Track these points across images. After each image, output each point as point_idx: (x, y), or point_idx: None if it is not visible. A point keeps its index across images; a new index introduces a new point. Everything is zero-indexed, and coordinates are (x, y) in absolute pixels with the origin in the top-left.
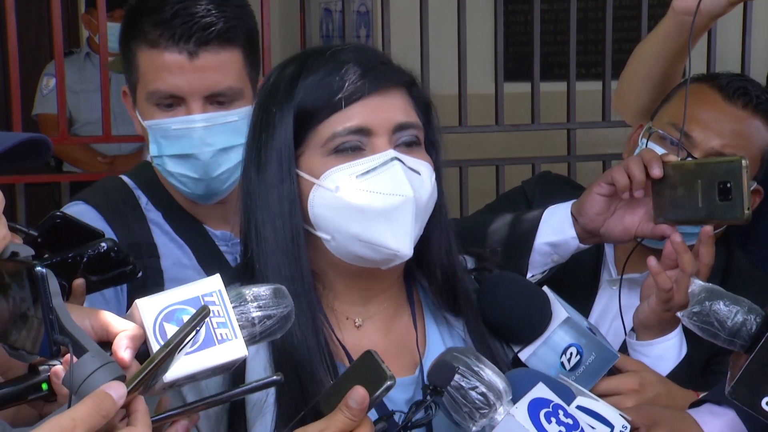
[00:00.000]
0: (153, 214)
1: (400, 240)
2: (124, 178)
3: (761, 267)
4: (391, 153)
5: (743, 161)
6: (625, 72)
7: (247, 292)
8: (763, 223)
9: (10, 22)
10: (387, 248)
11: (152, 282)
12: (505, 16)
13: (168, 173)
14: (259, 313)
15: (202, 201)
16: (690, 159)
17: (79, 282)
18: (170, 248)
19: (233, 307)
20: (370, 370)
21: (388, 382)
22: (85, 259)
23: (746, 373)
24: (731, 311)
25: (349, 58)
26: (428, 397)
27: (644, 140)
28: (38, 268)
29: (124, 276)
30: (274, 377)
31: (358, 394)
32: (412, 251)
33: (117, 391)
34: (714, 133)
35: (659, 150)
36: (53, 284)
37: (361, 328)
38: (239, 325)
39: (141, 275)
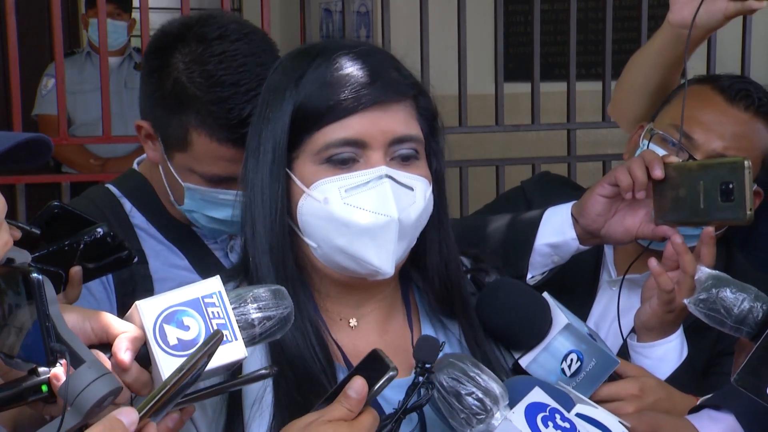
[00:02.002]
0: (138, 220)
1: (383, 259)
2: (110, 186)
3: (761, 268)
4: (383, 170)
5: (746, 162)
6: (622, 81)
7: (247, 293)
8: (763, 225)
9: (11, 23)
10: (370, 264)
11: (141, 288)
12: (505, 17)
13: (195, 220)
14: (258, 315)
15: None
16: (691, 160)
17: (75, 270)
18: (159, 250)
19: (233, 309)
20: (373, 365)
21: (390, 373)
22: (81, 245)
23: (753, 361)
24: (738, 298)
25: (356, 63)
26: (419, 378)
27: (645, 141)
28: (34, 275)
29: (121, 262)
30: (266, 370)
31: (357, 383)
32: (393, 270)
33: (128, 417)
34: (716, 135)
35: (660, 151)
36: (50, 291)
37: (356, 329)
38: (239, 327)
39: (131, 279)
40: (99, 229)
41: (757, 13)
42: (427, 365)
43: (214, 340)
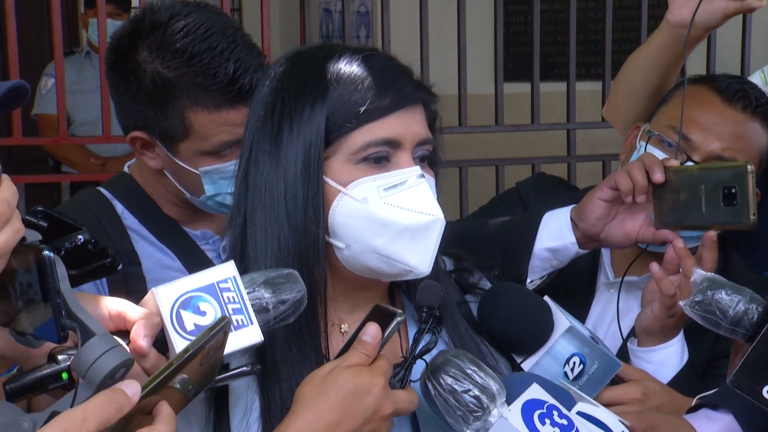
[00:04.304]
0: (130, 221)
1: (422, 258)
2: (102, 189)
3: (756, 268)
4: (418, 170)
5: (749, 166)
6: (618, 83)
7: (260, 278)
8: (758, 225)
9: (11, 22)
10: (405, 264)
11: (134, 288)
12: (505, 16)
13: (219, 205)
14: (273, 299)
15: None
16: (691, 163)
17: None
18: (151, 251)
19: (247, 293)
20: (379, 316)
21: (399, 318)
22: (62, 252)
23: (748, 362)
24: (733, 300)
25: (382, 68)
26: (423, 324)
27: (643, 143)
28: (46, 253)
29: (104, 269)
30: (248, 367)
31: (371, 329)
32: (431, 269)
33: (131, 387)
34: (714, 136)
35: (658, 153)
36: (60, 269)
37: (347, 334)
38: (254, 311)
39: (124, 280)
40: (80, 236)
41: (757, 12)
42: (433, 309)
43: (222, 323)
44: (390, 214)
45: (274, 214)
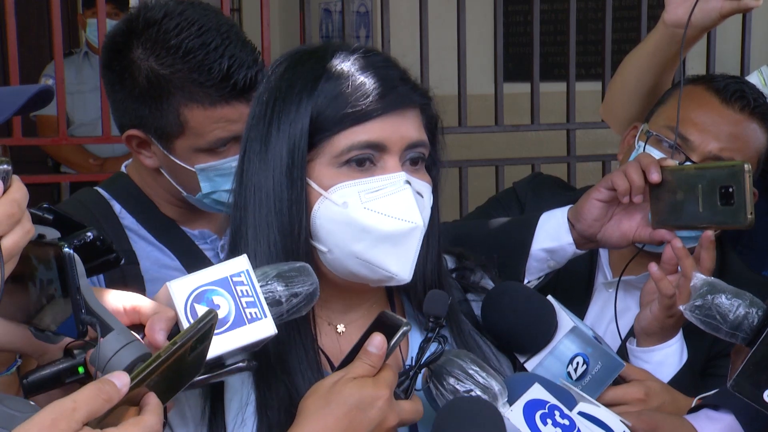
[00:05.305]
0: (128, 221)
1: (402, 265)
2: (99, 189)
3: (752, 266)
4: (403, 176)
5: (746, 165)
6: (614, 83)
7: (273, 271)
8: (755, 224)
9: (10, 22)
10: (386, 271)
11: (132, 288)
12: (505, 16)
13: (215, 203)
14: (285, 292)
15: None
16: (688, 163)
17: None
18: (149, 251)
19: (260, 286)
20: (385, 325)
21: (405, 327)
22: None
23: (748, 366)
24: (733, 305)
25: (374, 70)
26: (430, 334)
27: (641, 143)
28: (66, 250)
29: (108, 264)
30: (243, 363)
31: (377, 340)
32: (411, 277)
33: (120, 379)
34: (711, 137)
35: (656, 153)
36: (79, 265)
37: (344, 335)
38: (267, 304)
39: (122, 279)
40: (89, 233)
41: (757, 12)
42: (439, 319)
43: (209, 317)
44: (370, 219)
45: (264, 214)
